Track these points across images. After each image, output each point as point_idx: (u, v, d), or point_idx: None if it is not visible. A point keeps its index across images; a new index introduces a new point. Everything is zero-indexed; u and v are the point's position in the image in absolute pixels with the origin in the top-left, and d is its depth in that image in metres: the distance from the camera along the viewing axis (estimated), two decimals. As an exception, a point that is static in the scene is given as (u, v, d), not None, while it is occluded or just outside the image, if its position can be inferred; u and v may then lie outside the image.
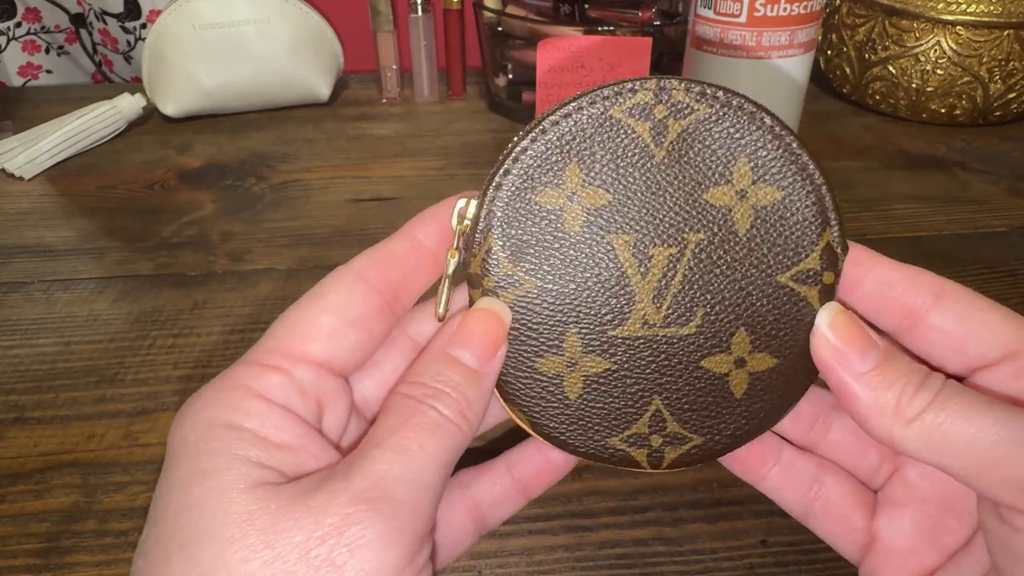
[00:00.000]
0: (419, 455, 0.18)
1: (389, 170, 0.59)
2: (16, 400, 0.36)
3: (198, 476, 0.17)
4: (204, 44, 0.64)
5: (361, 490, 0.17)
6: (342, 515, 0.16)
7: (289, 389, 0.19)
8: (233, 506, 0.17)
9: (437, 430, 0.18)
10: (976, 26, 0.58)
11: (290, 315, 0.20)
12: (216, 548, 0.16)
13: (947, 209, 0.52)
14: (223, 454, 0.17)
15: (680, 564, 0.28)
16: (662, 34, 0.61)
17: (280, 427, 0.18)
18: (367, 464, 0.18)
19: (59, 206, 0.54)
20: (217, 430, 0.18)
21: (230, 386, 0.19)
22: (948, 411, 0.18)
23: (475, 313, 0.21)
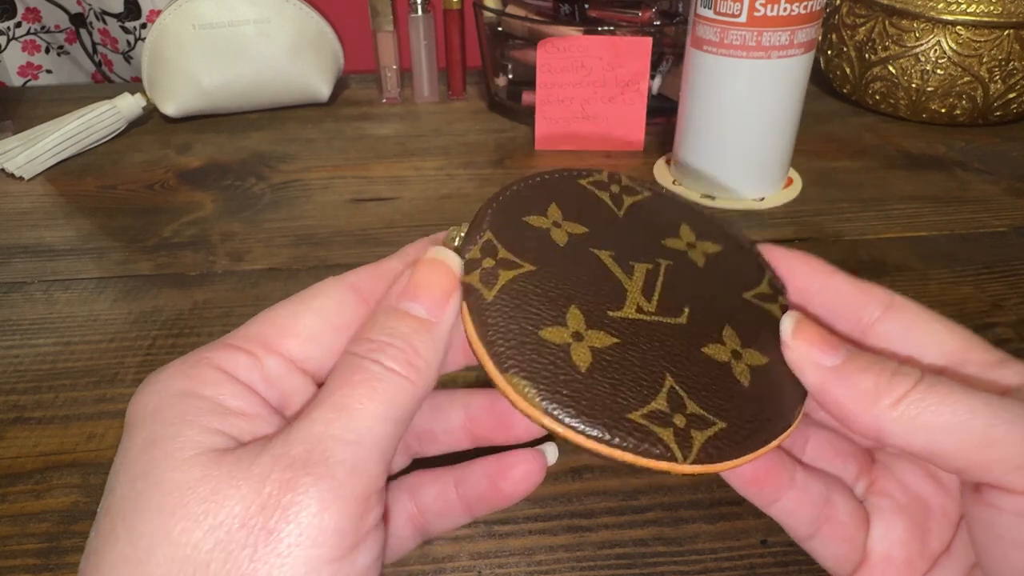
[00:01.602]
0: (359, 412, 0.17)
1: (389, 170, 0.59)
2: (16, 400, 0.36)
3: (148, 444, 0.17)
4: (204, 44, 0.64)
5: (299, 454, 0.17)
6: (280, 481, 0.16)
7: (254, 372, 0.19)
8: (176, 475, 0.16)
9: (379, 384, 0.18)
10: (976, 26, 0.58)
11: (275, 311, 0.20)
12: (159, 519, 0.16)
13: (947, 209, 0.52)
14: (175, 421, 0.17)
15: (680, 564, 0.28)
16: (662, 34, 0.61)
17: (237, 396, 0.18)
18: (307, 426, 0.17)
19: (59, 206, 0.54)
20: (174, 398, 0.18)
21: (193, 360, 0.19)
22: (935, 393, 0.19)
23: (422, 264, 0.20)
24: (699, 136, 0.52)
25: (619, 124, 0.60)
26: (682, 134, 0.54)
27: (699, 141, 0.52)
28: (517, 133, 0.65)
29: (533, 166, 0.59)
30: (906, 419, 0.19)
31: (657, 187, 0.26)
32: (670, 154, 0.57)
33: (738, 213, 0.52)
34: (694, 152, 0.53)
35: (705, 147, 0.52)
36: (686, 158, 0.54)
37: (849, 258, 0.46)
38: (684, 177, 0.55)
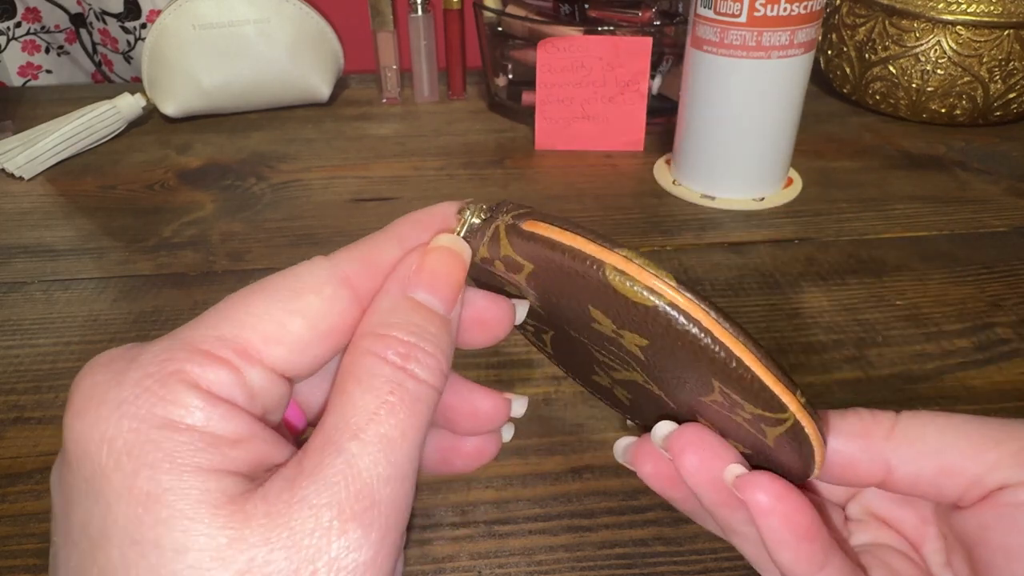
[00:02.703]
0: (402, 444, 0.16)
1: (389, 170, 0.59)
2: (16, 400, 0.36)
3: (143, 501, 0.14)
4: (204, 44, 0.64)
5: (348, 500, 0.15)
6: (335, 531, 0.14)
7: (236, 388, 0.16)
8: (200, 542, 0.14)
9: (418, 406, 0.16)
10: (976, 26, 0.58)
11: (254, 302, 0.17)
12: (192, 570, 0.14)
13: (947, 209, 0.52)
14: (168, 467, 0.14)
15: (680, 564, 0.28)
16: (662, 34, 0.61)
17: (225, 418, 0.15)
18: (344, 467, 0.15)
19: (59, 206, 0.54)
20: (153, 432, 0.14)
21: (164, 374, 0.15)
22: (921, 416, 0.19)
23: (437, 251, 0.18)
24: (699, 136, 0.52)
25: (619, 124, 0.60)
26: (682, 134, 0.54)
27: (699, 141, 0.52)
28: (517, 133, 0.65)
29: (533, 166, 0.59)
30: (908, 443, 0.19)
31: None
32: (670, 154, 0.57)
33: (738, 213, 0.52)
34: (694, 152, 0.53)
35: (705, 147, 0.52)
36: (686, 158, 0.54)
37: (849, 258, 0.46)
38: (684, 177, 0.55)
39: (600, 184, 0.56)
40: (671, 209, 0.52)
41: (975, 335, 0.39)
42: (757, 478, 0.19)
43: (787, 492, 0.19)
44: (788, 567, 0.19)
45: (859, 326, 0.40)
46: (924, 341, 0.39)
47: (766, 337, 0.39)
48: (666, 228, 0.50)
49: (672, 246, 0.48)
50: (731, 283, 0.44)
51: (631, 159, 0.60)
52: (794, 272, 0.45)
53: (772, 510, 0.19)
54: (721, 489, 0.20)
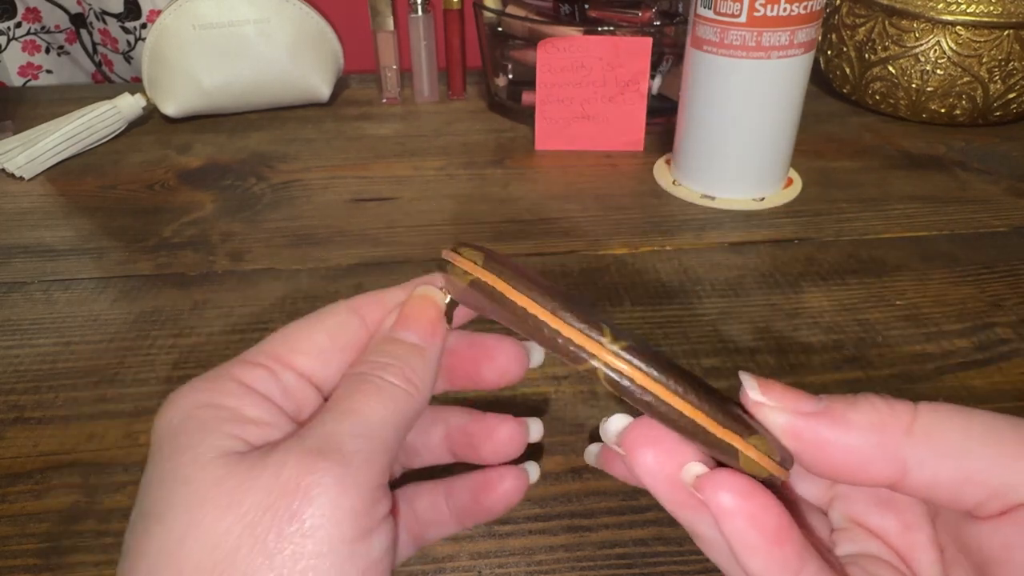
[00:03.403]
0: (367, 414, 0.19)
1: (389, 170, 0.59)
2: (16, 400, 0.36)
3: (175, 451, 0.19)
4: (204, 44, 0.64)
5: (313, 444, 0.18)
6: (297, 468, 0.18)
7: (272, 384, 0.21)
8: (203, 473, 0.18)
9: (382, 392, 0.20)
10: (976, 26, 0.58)
11: (287, 329, 0.22)
12: (188, 513, 0.17)
13: (947, 209, 0.52)
14: (198, 429, 0.19)
15: (680, 564, 0.28)
16: (662, 34, 0.61)
17: (256, 405, 0.20)
18: (318, 425, 0.19)
19: (59, 206, 0.54)
20: (197, 409, 0.19)
21: (215, 375, 0.21)
22: (943, 410, 0.17)
23: (412, 300, 0.23)
24: (699, 136, 0.52)
25: (619, 124, 0.60)
26: (682, 134, 0.54)
27: (699, 141, 0.52)
28: (517, 133, 0.65)
29: (533, 166, 0.59)
30: (929, 442, 0.17)
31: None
32: (670, 154, 0.57)
33: (738, 213, 0.52)
34: (694, 152, 0.53)
35: (705, 147, 0.52)
36: (686, 158, 0.54)
37: (849, 258, 0.46)
38: (684, 177, 0.55)
39: (600, 184, 0.56)
40: (671, 209, 0.52)
41: (975, 335, 0.39)
42: (719, 476, 0.18)
43: (753, 490, 0.18)
44: (758, 574, 0.18)
45: (859, 326, 0.40)
46: (924, 341, 0.39)
47: (766, 337, 0.39)
48: (666, 228, 0.50)
49: (672, 246, 0.48)
50: (731, 283, 0.44)
51: (631, 159, 0.60)
52: (794, 272, 0.45)
53: (737, 511, 0.17)
54: (680, 489, 0.19)
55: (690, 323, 0.41)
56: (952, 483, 0.17)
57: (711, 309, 0.42)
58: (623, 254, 0.47)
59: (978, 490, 0.17)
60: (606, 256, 0.47)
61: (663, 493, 0.19)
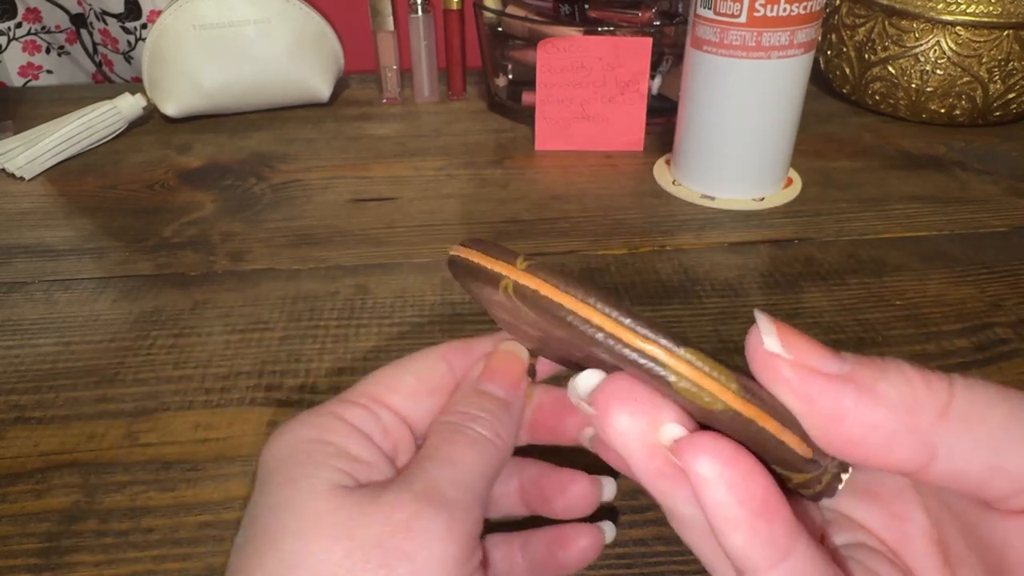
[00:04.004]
0: (463, 464, 0.21)
1: (389, 170, 0.59)
2: (16, 400, 0.36)
3: (287, 481, 0.20)
4: (204, 44, 0.64)
5: (421, 490, 0.19)
6: (409, 511, 0.19)
7: (372, 423, 0.22)
8: (316, 504, 0.19)
9: (476, 444, 0.21)
10: (976, 26, 0.58)
11: (380, 372, 0.24)
12: (302, 541, 0.18)
13: (947, 209, 0.52)
14: (309, 462, 0.20)
15: (680, 564, 0.28)
16: (662, 34, 0.61)
17: (359, 444, 0.21)
18: (421, 472, 0.20)
19: (59, 206, 0.54)
20: (305, 443, 0.21)
21: (319, 412, 0.22)
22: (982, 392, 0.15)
23: (498, 354, 0.24)
24: (699, 136, 0.52)
25: (619, 124, 0.60)
26: (682, 134, 0.54)
27: (699, 141, 0.52)
28: (517, 133, 0.65)
29: (533, 166, 0.59)
30: (965, 429, 0.15)
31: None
32: (670, 154, 0.58)
33: (738, 213, 0.52)
34: (694, 152, 0.53)
35: (705, 147, 0.52)
36: (686, 158, 0.54)
37: (849, 258, 0.46)
38: (684, 177, 0.55)
39: (600, 184, 0.56)
40: (671, 209, 0.52)
41: (975, 335, 0.39)
42: (699, 438, 0.15)
43: (737, 455, 0.15)
44: (740, 554, 0.15)
45: (859, 326, 0.40)
46: (924, 341, 0.39)
47: (766, 337, 0.39)
48: (666, 228, 0.50)
49: (672, 246, 0.48)
50: (731, 283, 0.44)
51: (631, 159, 0.60)
52: (794, 272, 0.45)
53: (717, 478, 0.15)
54: (655, 454, 0.16)
55: (690, 323, 0.41)
56: (982, 474, 0.15)
57: (711, 309, 0.42)
58: (623, 254, 0.47)
59: (1008, 483, 0.15)
60: (606, 256, 0.47)
61: (637, 460, 0.17)
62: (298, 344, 0.39)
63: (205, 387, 0.36)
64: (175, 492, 0.31)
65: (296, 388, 0.36)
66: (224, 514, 0.30)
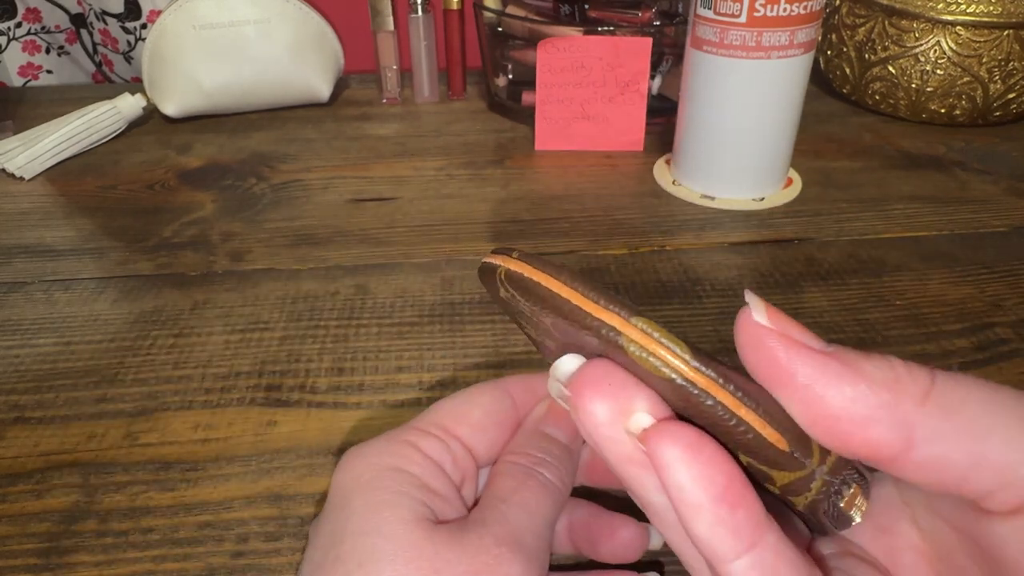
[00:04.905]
0: (537, 511, 0.21)
1: (389, 170, 0.59)
2: (16, 400, 0.36)
3: (374, 507, 0.20)
4: (204, 44, 0.64)
5: (503, 535, 0.20)
6: (492, 555, 0.20)
7: (444, 454, 0.23)
8: (405, 533, 0.20)
9: (546, 491, 0.22)
10: (976, 26, 0.58)
11: (447, 402, 0.24)
12: (394, 566, 0.19)
13: (947, 209, 0.52)
14: (394, 491, 0.21)
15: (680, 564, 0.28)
16: (662, 34, 0.61)
17: (436, 477, 0.22)
18: (500, 515, 0.21)
19: (59, 206, 0.54)
20: (388, 471, 0.21)
21: (397, 440, 0.22)
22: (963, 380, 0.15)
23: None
24: (699, 136, 0.52)
25: (619, 124, 0.60)
26: (682, 134, 0.54)
27: (699, 141, 0.52)
28: (517, 133, 0.65)
29: (533, 166, 0.59)
30: (944, 414, 0.15)
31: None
32: (670, 154, 0.57)
33: (738, 213, 0.52)
34: (694, 152, 0.53)
35: (705, 147, 0.52)
36: (686, 158, 0.54)
37: (849, 258, 0.46)
38: (684, 177, 0.55)
39: (600, 184, 0.56)
40: (671, 209, 0.52)
41: (975, 335, 0.39)
42: (664, 425, 0.15)
43: (701, 442, 0.15)
44: (705, 542, 0.15)
45: (859, 326, 0.40)
46: (924, 341, 0.39)
47: (766, 337, 0.39)
48: (666, 228, 0.50)
49: (672, 246, 0.48)
50: (731, 283, 0.44)
51: (631, 159, 0.60)
52: (794, 272, 0.45)
53: (680, 464, 0.15)
54: (625, 440, 0.16)
55: (690, 323, 0.41)
56: (962, 464, 0.15)
57: (711, 309, 0.42)
58: (623, 254, 0.47)
59: (989, 476, 0.15)
60: (606, 256, 0.47)
61: (607, 445, 0.17)
62: (298, 344, 0.39)
63: (205, 387, 0.36)
64: (175, 492, 0.31)
65: (296, 388, 0.36)
66: (224, 514, 0.30)
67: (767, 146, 0.52)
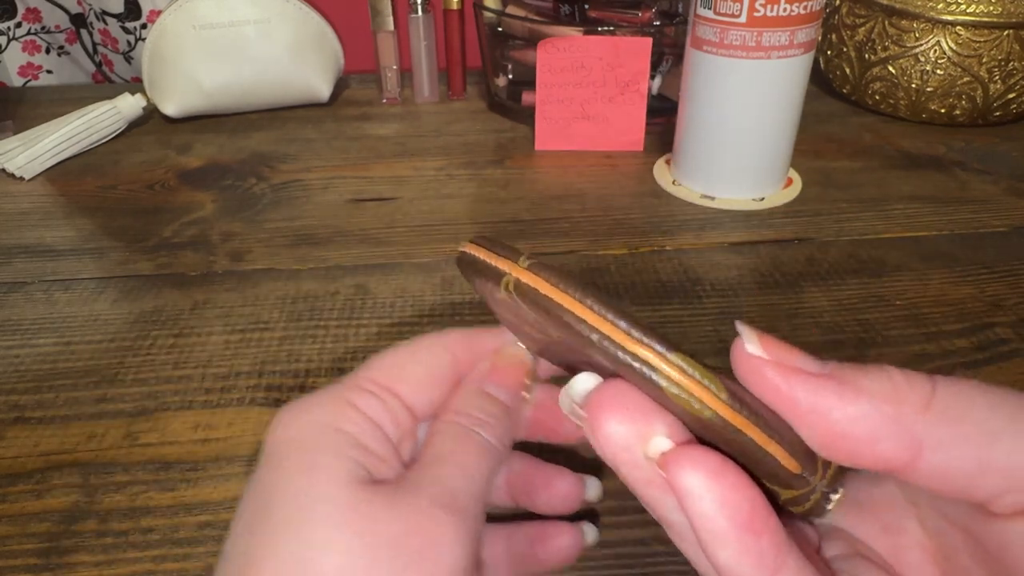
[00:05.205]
0: (474, 471, 0.21)
1: (389, 170, 0.59)
2: (16, 400, 0.36)
3: (308, 467, 0.20)
4: (204, 44, 0.64)
5: (437, 496, 0.20)
6: (426, 516, 0.19)
7: (383, 412, 0.22)
8: (338, 495, 0.19)
9: (483, 451, 0.22)
10: (976, 26, 0.58)
11: (386, 357, 0.23)
12: (327, 529, 0.19)
13: (947, 209, 0.52)
14: (329, 451, 0.20)
15: (680, 564, 0.28)
16: (662, 34, 0.61)
17: (373, 436, 0.21)
18: (436, 476, 0.21)
19: (59, 206, 0.54)
20: (323, 431, 0.21)
21: (334, 398, 0.22)
22: (965, 386, 0.15)
23: (504, 357, 0.24)
24: (699, 136, 0.52)
25: (619, 124, 0.60)
26: (682, 134, 0.54)
27: (699, 141, 0.52)
28: (517, 133, 0.65)
29: (533, 166, 0.59)
30: (948, 421, 0.15)
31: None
32: (670, 154, 0.57)
33: (738, 213, 0.52)
34: (694, 152, 0.53)
35: (705, 147, 0.52)
36: (686, 158, 0.54)
37: (849, 258, 0.46)
38: (684, 177, 0.55)
39: (600, 184, 0.56)
40: (671, 209, 0.52)
41: (975, 335, 0.39)
42: (686, 451, 0.15)
43: (724, 469, 0.15)
44: (728, 570, 0.15)
45: (859, 326, 0.40)
46: (924, 341, 0.39)
47: (766, 337, 0.39)
48: (666, 228, 0.50)
49: (672, 246, 0.48)
50: (731, 283, 0.44)
51: (631, 159, 0.60)
52: (794, 272, 0.45)
53: (704, 492, 0.15)
54: (644, 464, 0.16)
55: (690, 323, 0.41)
56: (969, 470, 0.15)
57: (711, 309, 0.42)
58: (623, 254, 0.47)
59: (996, 480, 0.15)
60: (606, 256, 0.47)
61: (626, 468, 0.17)
62: (298, 344, 0.39)
63: (205, 387, 0.36)
64: (175, 492, 0.31)
65: (296, 388, 0.36)
66: (224, 514, 0.30)
67: (767, 146, 0.52)
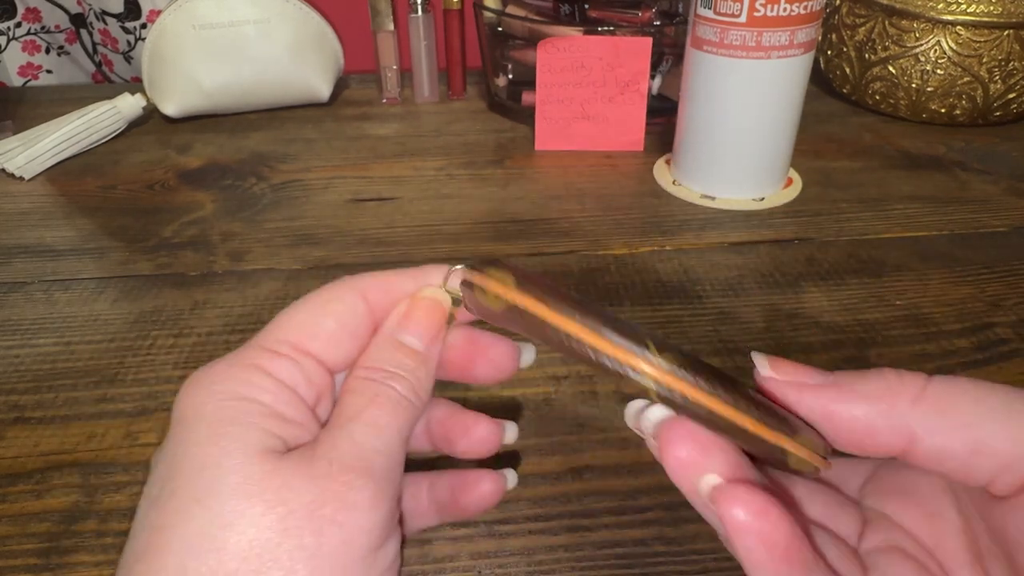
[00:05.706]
0: (388, 429, 0.21)
1: (389, 170, 0.59)
2: (16, 400, 0.36)
3: (216, 439, 0.19)
4: (204, 44, 0.64)
5: (350, 460, 0.20)
6: (339, 482, 0.19)
7: (297, 375, 0.21)
8: (249, 467, 0.19)
9: (398, 407, 0.21)
10: (976, 26, 0.58)
11: (296, 313, 0.22)
12: (235, 502, 0.18)
13: (947, 209, 0.52)
14: (239, 422, 0.20)
15: (680, 564, 0.28)
16: (662, 34, 0.61)
17: (288, 403, 0.21)
18: (347, 436, 0.20)
19: (59, 206, 0.54)
20: (233, 401, 0.20)
21: (244, 364, 0.21)
22: (956, 380, 0.17)
23: (419, 301, 0.23)
24: (699, 136, 0.52)
25: (619, 124, 0.60)
26: (682, 134, 0.54)
27: (699, 141, 0.52)
28: (517, 133, 0.65)
29: (533, 166, 0.59)
30: (937, 412, 0.17)
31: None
32: (670, 154, 0.57)
33: (738, 213, 0.52)
34: (694, 152, 0.53)
35: (705, 147, 0.52)
36: (686, 158, 0.54)
37: (849, 258, 0.46)
38: (684, 177, 0.55)
39: (600, 184, 0.56)
40: (671, 209, 0.52)
41: (975, 335, 0.39)
42: (735, 491, 0.18)
43: (767, 508, 0.17)
44: None
45: (859, 326, 0.40)
46: (924, 341, 0.39)
47: (766, 337, 0.39)
48: (666, 228, 0.50)
49: (672, 246, 0.48)
50: (731, 283, 0.44)
51: (631, 159, 0.60)
52: (794, 272, 0.45)
53: (748, 529, 0.17)
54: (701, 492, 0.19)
55: (690, 323, 0.41)
56: (962, 454, 0.17)
57: (711, 309, 0.42)
58: (623, 254, 0.47)
59: (989, 462, 0.17)
60: (606, 256, 0.47)
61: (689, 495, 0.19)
62: (298, 344, 0.39)
63: (205, 387, 0.36)
64: (175, 492, 0.31)
65: (296, 388, 0.36)
66: (224, 514, 0.30)
67: (767, 146, 0.52)
